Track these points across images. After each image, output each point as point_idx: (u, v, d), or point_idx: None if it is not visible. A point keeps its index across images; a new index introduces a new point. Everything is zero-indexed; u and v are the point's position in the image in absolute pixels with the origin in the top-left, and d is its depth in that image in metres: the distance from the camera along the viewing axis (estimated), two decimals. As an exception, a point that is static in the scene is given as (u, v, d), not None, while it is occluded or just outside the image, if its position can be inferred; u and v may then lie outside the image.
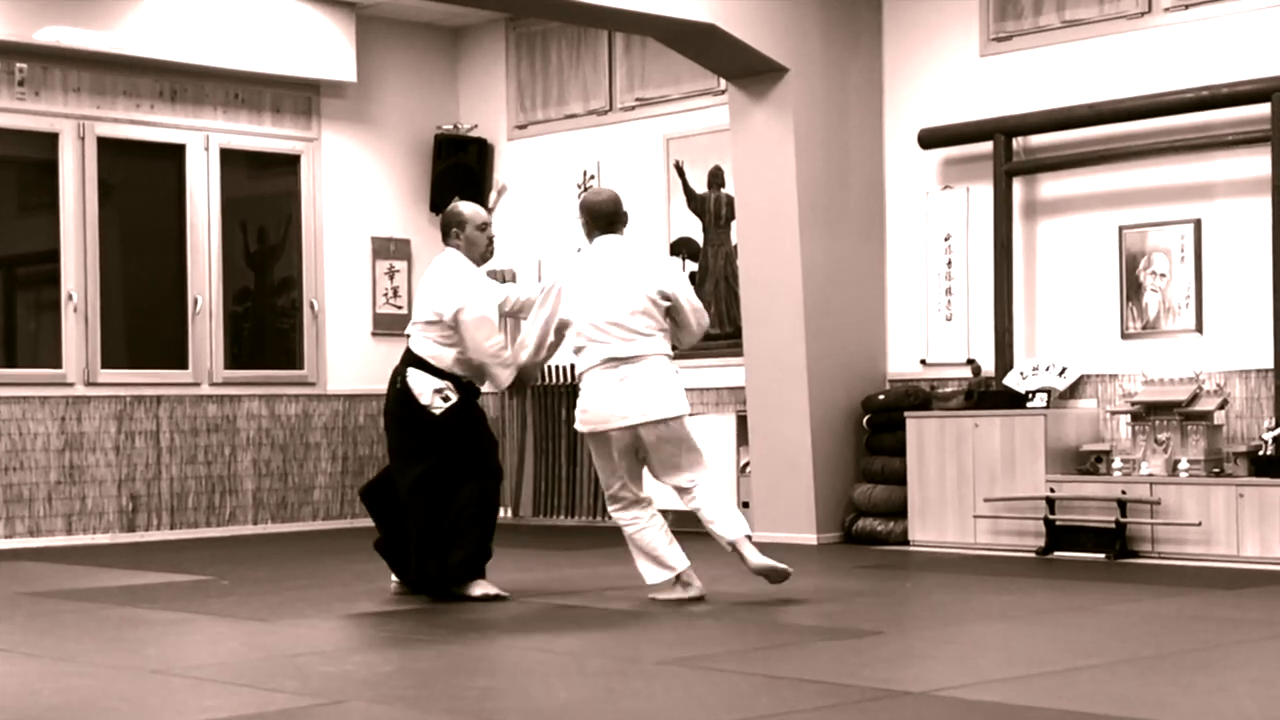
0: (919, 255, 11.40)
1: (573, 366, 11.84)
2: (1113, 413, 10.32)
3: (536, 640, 6.78)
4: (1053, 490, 10.06)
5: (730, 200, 12.02)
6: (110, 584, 9.28)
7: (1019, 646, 6.64)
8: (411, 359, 8.13)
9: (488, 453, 8.24)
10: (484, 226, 8.29)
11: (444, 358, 8.07)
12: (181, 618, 7.73)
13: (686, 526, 8.79)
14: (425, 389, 8.03)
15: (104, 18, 11.98)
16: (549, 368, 13.06)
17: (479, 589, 8.02)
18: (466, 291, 8.04)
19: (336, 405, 13.35)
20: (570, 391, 12.99)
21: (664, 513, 8.23)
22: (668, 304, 7.94)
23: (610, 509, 8.09)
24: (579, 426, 8.01)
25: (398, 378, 8.16)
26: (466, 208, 8.33)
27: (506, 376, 8.12)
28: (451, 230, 8.24)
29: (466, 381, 8.16)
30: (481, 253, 8.28)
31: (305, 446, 13.17)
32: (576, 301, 7.94)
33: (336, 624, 7.42)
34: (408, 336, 8.24)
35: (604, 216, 8.06)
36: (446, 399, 8.01)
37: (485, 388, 8.32)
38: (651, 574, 7.99)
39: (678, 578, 7.99)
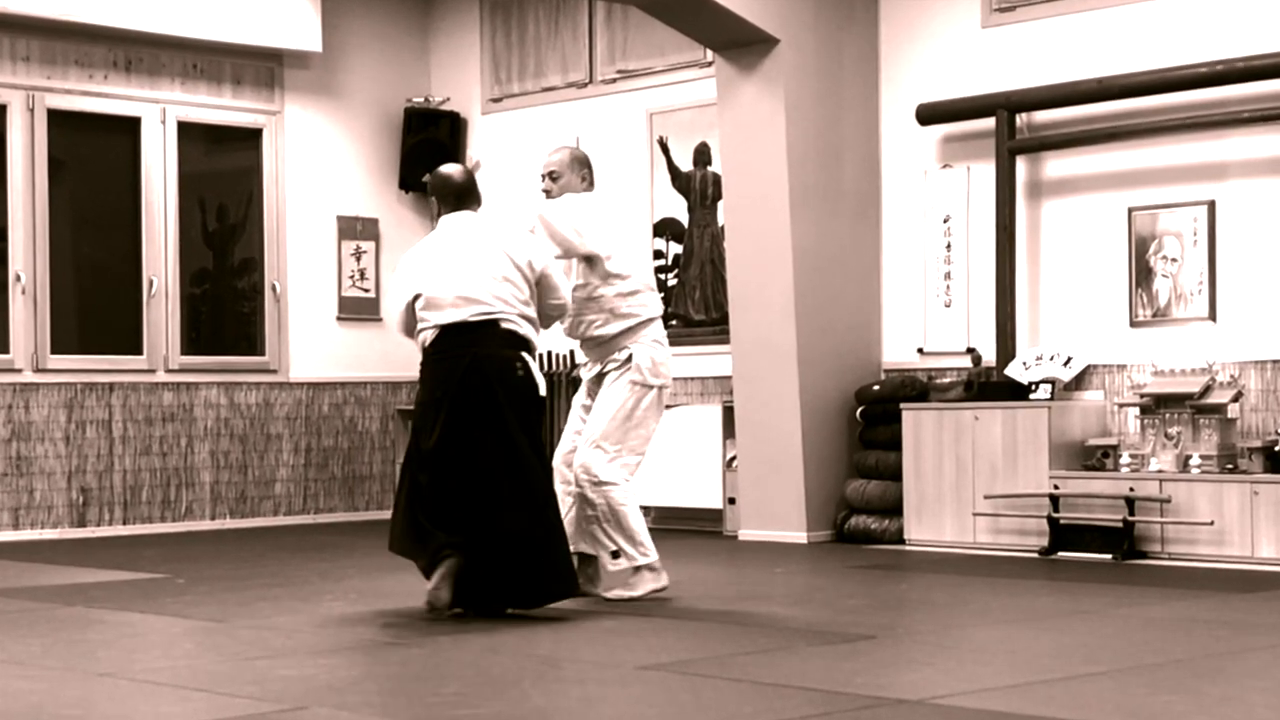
0: (916, 238, 11.39)
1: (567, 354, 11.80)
2: (1120, 405, 10.32)
3: (511, 645, 6.76)
4: (1057, 487, 10.07)
5: (717, 179, 12.01)
6: (59, 582, 9.25)
7: (1020, 652, 6.64)
8: (516, 341, 7.60)
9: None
10: None
11: (534, 329, 7.76)
12: (134, 618, 7.72)
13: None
14: (539, 373, 7.70)
15: (54, -18, 11.96)
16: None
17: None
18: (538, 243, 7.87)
19: (300, 394, 13.33)
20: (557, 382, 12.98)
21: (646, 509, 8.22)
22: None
23: (628, 483, 8.03)
24: (663, 381, 8.14)
25: (515, 363, 7.55)
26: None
27: None
28: (479, 190, 7.94)
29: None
30: None
31: (266, 437, 13.15)
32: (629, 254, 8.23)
33: (298, 626, 7.40)
34: (484, 324, 7.53)
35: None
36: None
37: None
38: (637, 556, 8.03)
39: (650, 566, 8.06)
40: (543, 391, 7.63)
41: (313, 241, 13.47)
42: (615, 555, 8.00)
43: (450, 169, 7.97)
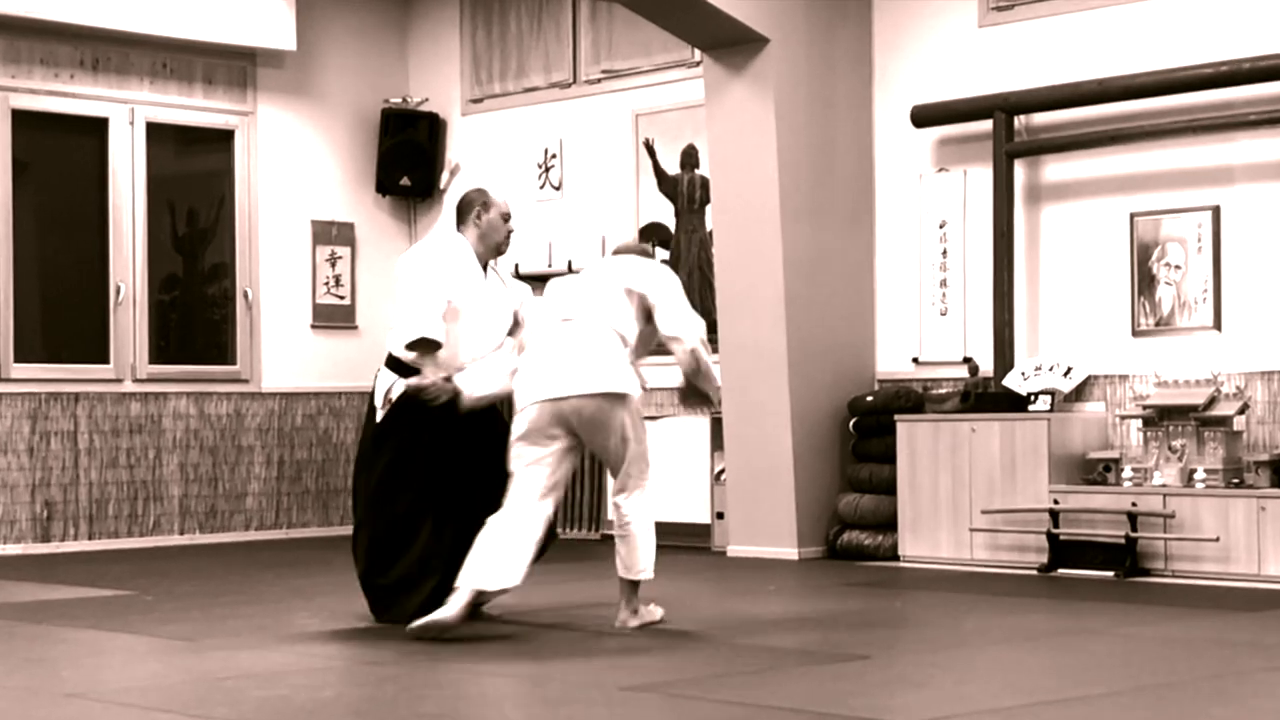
0: (911, 244, 11.40)
1: None
2: (1123, 417, 10.33)
3: (491, 664, 6.76)
4: (1056, 502, 10.07)
5: (705, 182, 12.01)
6: (22, 599, 9.24)
7: (1018, 673, 6.65)
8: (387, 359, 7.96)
9: (437, 471, 7.82)
10: (508, 217, 8.15)
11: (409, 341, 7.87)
12: (101, 636, 7.71)
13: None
14: (379, 387, 7.92)
15: (18, -23, 11.95)
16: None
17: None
18: (417, 255, 8.01)
19: (272, 404, 13.31)
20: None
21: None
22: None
23: (620, 499, 7.69)
24: (519, 398, 7.77)
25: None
26: (492, 191, 8.22)
27: (412, 332, 7.71)
28: (471, 212, 8.05)
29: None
30: (498, 244, 8.11)
31: (237, 449, 13.13)
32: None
33: (271, 644, 7.39)
34: None
35: None
36: (389, 401, 7.80)
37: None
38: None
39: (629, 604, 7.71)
40: (375, 400, 7.96)
41: (286, 247, 13.46)
42: None
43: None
